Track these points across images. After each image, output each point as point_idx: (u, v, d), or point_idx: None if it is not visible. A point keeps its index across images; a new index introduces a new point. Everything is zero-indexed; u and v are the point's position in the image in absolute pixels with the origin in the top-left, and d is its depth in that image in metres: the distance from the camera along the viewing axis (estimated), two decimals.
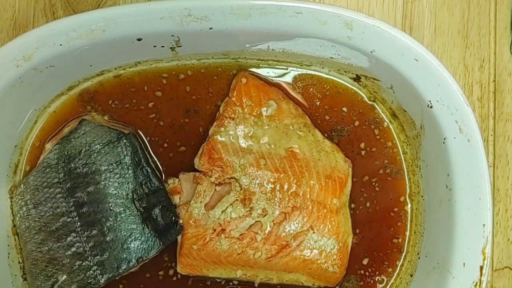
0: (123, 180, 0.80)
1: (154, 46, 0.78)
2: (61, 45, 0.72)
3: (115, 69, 0.84)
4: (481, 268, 0.73)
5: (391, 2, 0.88)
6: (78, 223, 0.79)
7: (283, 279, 0.84)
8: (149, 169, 0.81)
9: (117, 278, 0.81)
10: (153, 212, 0.80)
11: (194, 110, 0.85)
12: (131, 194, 0.80)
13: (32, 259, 0.80)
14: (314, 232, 0.81)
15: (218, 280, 0.85)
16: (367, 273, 0.86)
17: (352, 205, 0.86)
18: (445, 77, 0.73)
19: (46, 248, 0.79)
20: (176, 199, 0.82)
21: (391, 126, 0.86)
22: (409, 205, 0.86)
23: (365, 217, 0.86)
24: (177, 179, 0.83)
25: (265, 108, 0.83)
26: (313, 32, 0.74)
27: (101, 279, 0.79)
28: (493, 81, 0.87)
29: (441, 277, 0.76)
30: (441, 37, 0.87)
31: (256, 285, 0.84)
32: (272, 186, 0.81)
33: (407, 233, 0.86)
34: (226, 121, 0.82)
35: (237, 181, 0.81)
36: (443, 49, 0.88)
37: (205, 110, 0.85)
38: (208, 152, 0.81)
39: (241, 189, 0.81)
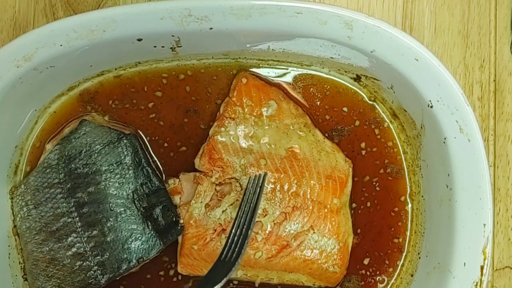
0: (124, 180, 0.80)
1: (154, 46, 0.78)
2: (61, 45, 0.72)
3: (115, 69, 0.84)
4: (482, 268, 0.73)
5: (391, 2, 0.87)
6: (79, 224, 0.79)
7: (283, 279, 0.84)
8: (149, 169, 0.81)
9: (117, 278, 0.81)
10: (153, 212, 0.80)
11: (194, 110, 0.85)
12: (131, 194, 0.80)
13: (32, 259, 0.80)
14: (314, 232, 0.81)
15: None
16: (368, 273, 0.86)
17: (353, 205, 0.86)
18: (445, 77, 0.73)
19: (47, 248, 0.79)
20: (176, 199, 0.82)
21: (391, 126, 0.86)
22: (410, 205, 0.86)
23: (366, 217, 0.86)
24: (178, 179, 0.83)
25: (265, 108, 0.83)
26: (313, 32, 0.74)
27: (101, 280, 0.79)
28: (494, 80, 0.87)
29: (441, 277, 0.76)
30: (441, 37, 0.87)
31: (256, 285, 0.84)
32: (273, 186, 0.81)
33: (408, 233, 0.86)
34: (226, 121, 0.82)
35: (237, 181, 0.81)
36: (443, 49, 0.87)
37: (205, 110, 0.85)
38: (209, 152, 0.81)
39: (241, 189, 0.81)
